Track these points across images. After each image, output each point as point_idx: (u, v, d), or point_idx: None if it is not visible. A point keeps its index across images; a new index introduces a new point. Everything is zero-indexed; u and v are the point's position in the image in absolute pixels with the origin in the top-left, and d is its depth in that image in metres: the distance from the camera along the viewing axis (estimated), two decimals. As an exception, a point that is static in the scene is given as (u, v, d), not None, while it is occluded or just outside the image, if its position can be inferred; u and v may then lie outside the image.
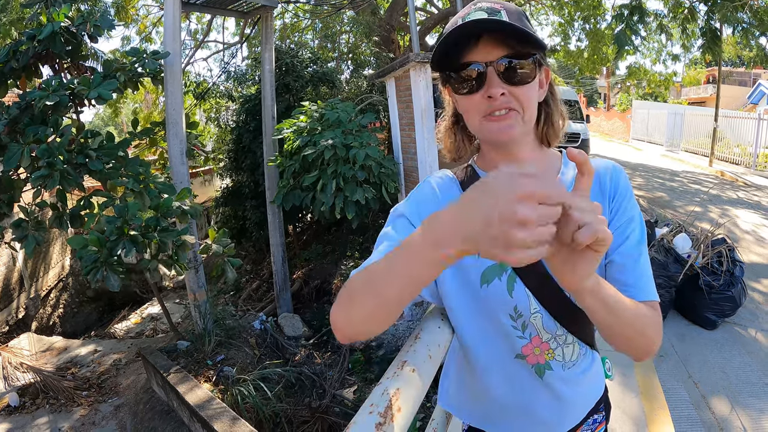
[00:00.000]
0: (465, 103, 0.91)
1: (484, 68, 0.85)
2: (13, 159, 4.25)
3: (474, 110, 0.90)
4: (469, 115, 0.92)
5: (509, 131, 0.87)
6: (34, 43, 4.63)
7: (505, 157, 0.95)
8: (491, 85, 0.85)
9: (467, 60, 0.87)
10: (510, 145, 0.93)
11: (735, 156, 12.86)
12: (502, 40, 0.84)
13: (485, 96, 0.86)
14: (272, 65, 7.74)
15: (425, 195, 0.98)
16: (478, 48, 0.85)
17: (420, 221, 0.89)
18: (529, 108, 0.88)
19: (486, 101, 0.86)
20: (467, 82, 0.88)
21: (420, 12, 12.86)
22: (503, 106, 0.86)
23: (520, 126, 0.88)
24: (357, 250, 8.03)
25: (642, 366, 3.53)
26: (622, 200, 0.94)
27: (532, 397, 1.01)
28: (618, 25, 8.01)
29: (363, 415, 0.67)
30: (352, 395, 5.01)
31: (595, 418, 1.14)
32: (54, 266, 9.49)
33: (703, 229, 4.96)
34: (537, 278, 0.93)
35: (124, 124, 20.94)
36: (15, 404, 5.32)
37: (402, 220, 0.93)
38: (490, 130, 0.88)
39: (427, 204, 0.96)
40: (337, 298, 0.77)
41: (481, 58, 0.85)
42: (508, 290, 0.94)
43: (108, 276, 3.99)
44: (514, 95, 0.86)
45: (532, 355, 0.99)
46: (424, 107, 5.70)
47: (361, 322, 0.74)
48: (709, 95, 26.63)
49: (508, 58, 0.85)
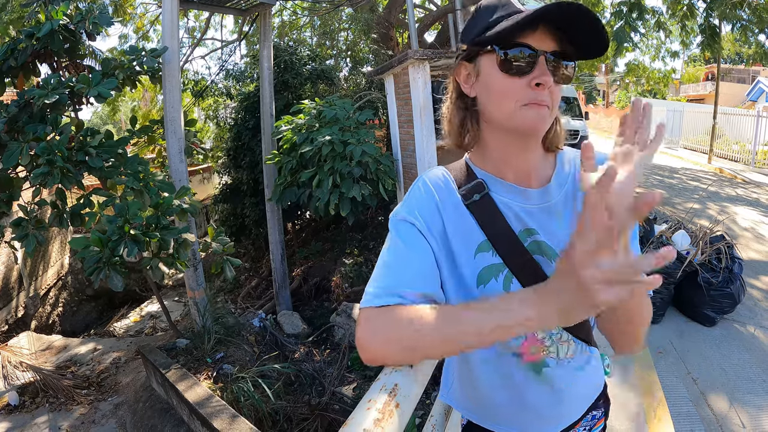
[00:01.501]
0: (505, 84, 0.86)
1: (537, 56, 0.83)
2: (13, 157, 4.24)
3: (512, 95, 0.86)
4: (503, 98, 0.87)
5: (543, 122, 0.86)
6: (32, 41, 4.63)
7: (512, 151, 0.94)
8: (544, 73, 0.83)
9: (523, 41, 0.83)
10: (532, 139, 0.92)
11: (734, 153, 12.86)
12: (554, 33, 0.83)
13: (531, 82, 0.83)
14: (271, 63, 7.74)
15: (422, 195, 0.96)
16: (535, 34, 0.83)
17: (422, 223, 0.90)
18: (555, 108, 0.87)
19: (530, 89, 0.83)
20: (518, 63, 0.84)
21: (418, 9, 12.82)
22: (545, 98, 0.84)
23: (548, 121, 0.87)
24: (356, 248, 8.03)
25: (641, 363, 3.54)
26: None
27: (530, 394, 1.01)
28: (617, 21, 7.99)
29: (361, 411, 0.68)
30: (351, 392, 5.02)
31: (593, 414, 1.13)
32: (53, 265, 9.48)
33: (701, 226, 4.96)
34: (534, 279, 0.91)
35: (123, 123, 20.91)
36: (15, 403, 5.32)
37: (404, 225, 0.92)
38: (528, 116, 0.85)
39: (427, 204, 0.94)
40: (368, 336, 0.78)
41: (537, 45, 0.83)
42: (505, 290, 0.93)
43: (111, 276, 3.98)
44: (551, 91, 0.84)
45: (528, 354, 0.99)
46: (422, 104, 5.70)
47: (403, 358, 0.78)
48: (708, 92, 26.64)
49: (561, 55, 0.84)
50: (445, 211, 0.94)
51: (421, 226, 0.91)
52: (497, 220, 0.92)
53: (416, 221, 0.91)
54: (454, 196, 0.95)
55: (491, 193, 0.94)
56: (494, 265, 0.93)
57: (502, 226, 0.92)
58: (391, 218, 0.95)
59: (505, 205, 0.94)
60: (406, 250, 0.88)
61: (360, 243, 8.32)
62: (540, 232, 0.93)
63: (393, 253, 0.89)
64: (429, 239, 0.91)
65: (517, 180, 0.95)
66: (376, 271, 0.87)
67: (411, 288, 0.83)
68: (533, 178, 0.95)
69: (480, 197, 0.93)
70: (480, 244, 0.93)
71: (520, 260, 0.92)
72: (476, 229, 0.93)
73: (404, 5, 9.76)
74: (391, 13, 10.76)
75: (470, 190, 0.95)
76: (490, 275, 0.93)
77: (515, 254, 0.92)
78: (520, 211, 0.93)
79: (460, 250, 0.93)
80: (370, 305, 0.81)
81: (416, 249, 0.89)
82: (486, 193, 0.94)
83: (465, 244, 0.93)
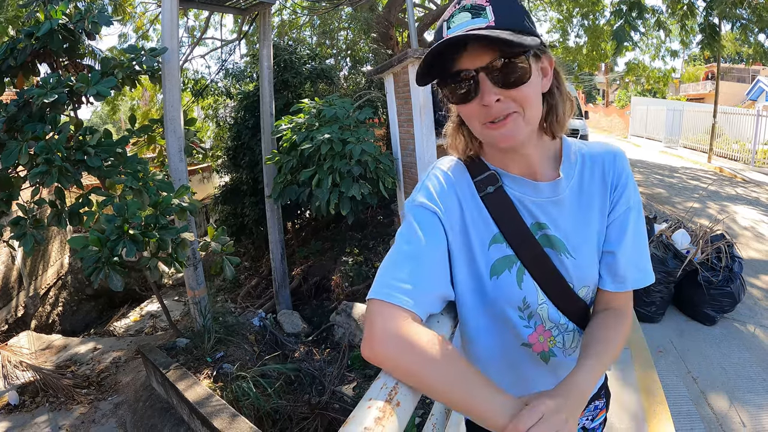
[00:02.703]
0: (463, 111, 0.89)
1: (475, 74, 0.82)
2: (12, 156, 4.24)
3: (473, 118, 0.87)
4: (469, 122, 0.90)
5: (511, 137, 0.85)
6: (31, 41, 4.62)
7: (510, 155, 0.95)
8: (485, 93, 0.82)
9: (457, 68, 0.83)
10: (519, 148, 0.92)
11: (734, 152, 12.87)
12: (490, 42, 0.80)
13: (481, 104, 0.83)
14: (270, 62, 7.73)
15: (442, 183, 0.96)
16: (467, 53, 0.82)
17: (441, 210, 0.91)
18: (530, 107, 0.85)
19: (483, 109, 0.84)
20: (461, 90, 0.85)
21: (418, 8, 12.81)
22: (501, 113, 0.83)
23: (523, 128, 0.85)
24: (356, 247, 8.03)
25: (641, 361, 3.54)
26: (623, 190, 0.97)
27: (537, 383, 1.03)
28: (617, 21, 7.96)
29: (362, 410, 0.67)
30: (351, 392, 5.01)
31: (596, 404, 1.17)
32: (53, 264, 9.47)
33: (701, 225, 4.96)
34: (545, 272, 0.95)
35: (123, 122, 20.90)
36: (15, 402, 5.32)
37: (423, 212, 0.91)
38: (491, 137, 0.86)
39: (447, 192, 0.94)
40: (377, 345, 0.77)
41: (470, 65, 0.82)
42: (518, 282, 0.94)
43: (111, 276, 3.97)
44: (511, 98, 0.83)
45: (537, 343, 1.01)
46: (422, 103, 5.69)
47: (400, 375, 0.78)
48: (707, 91, 26.64)
49: (500, 60, 0.81)
50: (465, 201, 0.95)
51: (440, 213, 0.91)
52: (511, 214, 0.94)
53: (436, 208, 0.91)
54: (471, 185, 0.97)
55: (504, 186, 0.95)
56: (507, 257, 0.94)
57: (515, 220, 0.93)
58: (408, 203, 0.95)
59: (516, 199, 0.95)
60: (424, 241, 0.88)
61: (360, 242, 8.32)
62: (550, 226, 0.95)
63: (411, 242, 0.88)
64: (447, 228, 0.91)
65: (524, 174, 0.96)
66: (394, 257, 0.86)
67: (427, 290, 0.83)
68: (539, 172, 0.96)
69: (494, 189, 0.94)
70: (494, 236, 0.94)
71: (531, 253, 0.93)
72: (490, 221, 0.94)
73: (404, 4, 9.75)
74: (390, 12, 10.75)
75: (484, 182, 0.96)
76: (503, 267, 0.95)
77: (527, 247, 0.93)
78: (530, 205, 0.95)
79: (475, 240, 0.94)
80: (384, 299, 0.80)
81: (434, 241, 0.89)
82: (500, 186, 0.95)
83: (480, 235, 0.94)
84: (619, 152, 1.00)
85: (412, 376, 0.75)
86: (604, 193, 0.97)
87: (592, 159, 0.99)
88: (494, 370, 1.05)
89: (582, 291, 0.98)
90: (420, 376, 0.75)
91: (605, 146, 1.01)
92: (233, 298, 9.21)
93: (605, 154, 0.99)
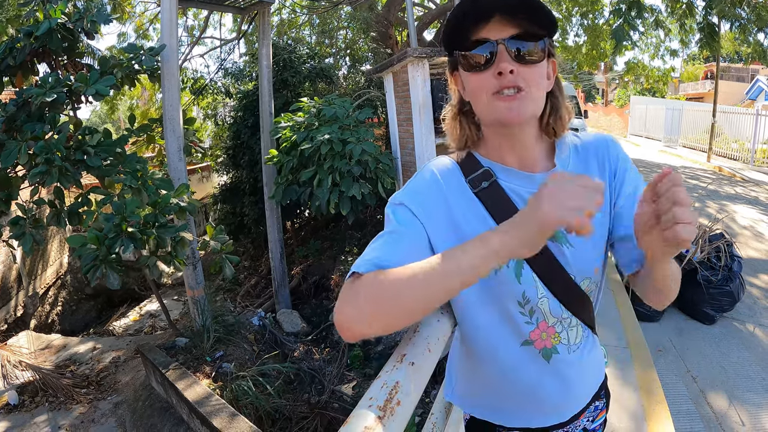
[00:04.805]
0: (474, 81, 0.90)
1: (494, 46, 0.85)
2: (11, 156, 4.23)
3: (483, 88, 0.88)
4: (477, 94, 0.91)
5: (516, 113, 0.87)
6: (30, 40, 4.61)
7: (508, 142, 0.95)
8: (501, 60, 0.85)
9: (478, 37, 0.87)
10: (516, 129, 0.92)
11: (733, 151, 12.88)
12: (513, 18, 0.85)
13: (495, 73, 0.86)
14: (270, 61, 7.72)
15: (426, 182, 0.97)
16: (489, 25, 0.86)
17: (420, 209, 0.91)
18: (538, 88, 0.88)
19: (495, 78, 0.86)
20: (477, 59, 0.88)
21: (417, 7, 12.80)
22: (512, 84, 0.85)
23: (529, 107, 0.87)
24: (355, 246, 8.03)
25: (640, 361, 3.54)
26: (624, 173, 0.98)
27: (539, 381, 1.02)
28: (616, 20, 7.97)
29: (362, 409, 0.67)
30: (351, 391, 5.02)
31: (596, 405, 1.16)
32: (52, 264, 9.47)
33: (701, 224, 4.96)
34: (544, 264, 0.94)
35: (122, 122, 20.89)
36: (14, 402, 5.32)
37: (402, 209, 0.92)
38: (498, 108, 0.87)
39: (429, 191, 0.95)
40: (348, 298, 0.76)
41: (492, 36, 0.85)
42: (516, 276, 0.94)
43: (108, 274, 3.97)
44: (522, 75, 0.86)
45: (539, 340, 1.00)
46: (421, 102, 5.69)
47: (387, 321, 0.75)
48: (707, 91, 26.63)
49: (519, 38, 0.85)
50: (453, 198, 0.95)
51: (418, 211, 0.91)
52: (506, 206, 0.94)
53: (414, 207, 0.92)
54: (462, 183, 0.97)
55: (499, 180, 0.96)
56: None
57: (511, 212, 0.92)
58: (389, 202, 0.96)
59: (512, 191, 0.95)
60: (399, 230, 0.89)
61: (359, 241, 8.31)
62: None
63: (386, 234, 0.89)
64: (425, 224, 0.91)
65: (520, 166, 0.96)
66: (371, 244, 0.88)
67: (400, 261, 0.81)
68: (535, 164, 0.97)
69: (488, 184, 0.95)
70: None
71: None
72: (486, 216, 0.94)
73: (403, 3, 9.76)
74: (390, 12, 10.75)
75: (478, 178, 0.96)
76: None
77: None
78: (526, 195, 0.95)
79: (470, 236, 0.93)
80: (355, 270, 0.80)
81: (410, 230, 0.90)
82: (494, 180, 0.95)
83: (475, 231, 0.93)
84: (611, 138, 1.02)
85: (398, 298, 0.74)
86: (603, 179, 0.97)
87: (585, 148, 1.00)
88: (499, 370, 1.04)
89: (584, 283, 0.98)
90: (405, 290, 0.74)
91: (596, 135, 1.03)
92: (232, 298, 9.20)
93: (597, 143, 1.01)
